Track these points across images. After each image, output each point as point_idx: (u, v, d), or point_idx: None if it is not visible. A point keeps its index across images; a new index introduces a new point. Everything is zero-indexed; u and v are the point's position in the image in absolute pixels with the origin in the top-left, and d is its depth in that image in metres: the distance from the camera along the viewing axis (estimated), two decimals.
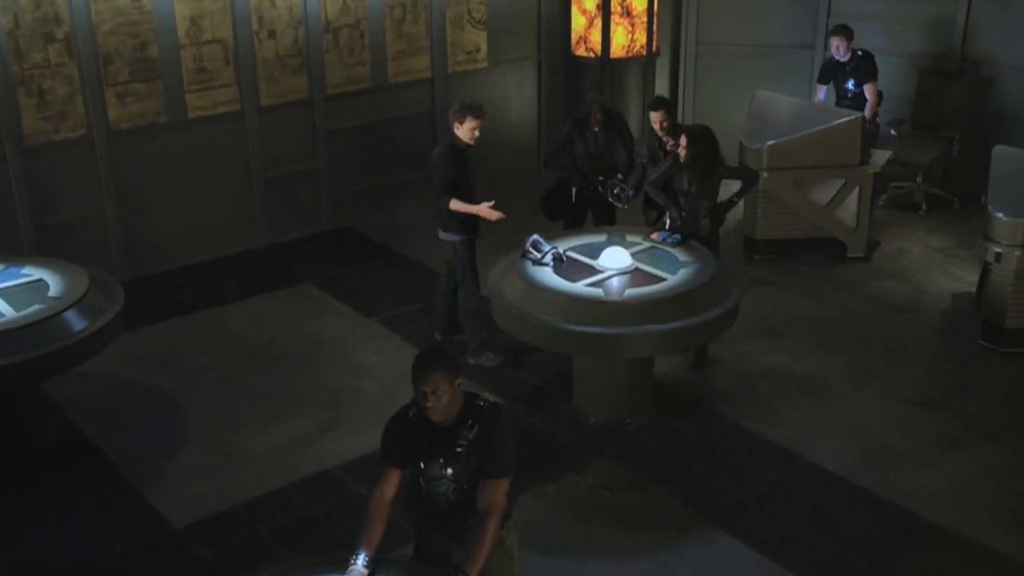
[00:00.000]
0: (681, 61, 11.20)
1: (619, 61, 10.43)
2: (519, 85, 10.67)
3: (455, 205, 6.81)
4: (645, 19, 10.37)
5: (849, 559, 5.36)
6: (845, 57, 9.18)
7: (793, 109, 9.13)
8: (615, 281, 6.31)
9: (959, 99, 9.70)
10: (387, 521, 4.03)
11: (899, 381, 7.02)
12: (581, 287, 6.21)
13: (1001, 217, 7.10)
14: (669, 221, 7.08)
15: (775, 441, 6.35)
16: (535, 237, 6.58)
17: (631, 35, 10.37)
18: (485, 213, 6.83)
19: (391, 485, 4.07)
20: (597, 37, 10.33)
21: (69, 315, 5.95)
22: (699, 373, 7.15)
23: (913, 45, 9.95)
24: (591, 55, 10.44)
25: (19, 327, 5.73)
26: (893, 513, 5.69)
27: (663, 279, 6.29)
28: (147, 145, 8.48)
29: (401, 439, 4.06)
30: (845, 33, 9.14)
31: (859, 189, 8.57)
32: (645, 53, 10.52)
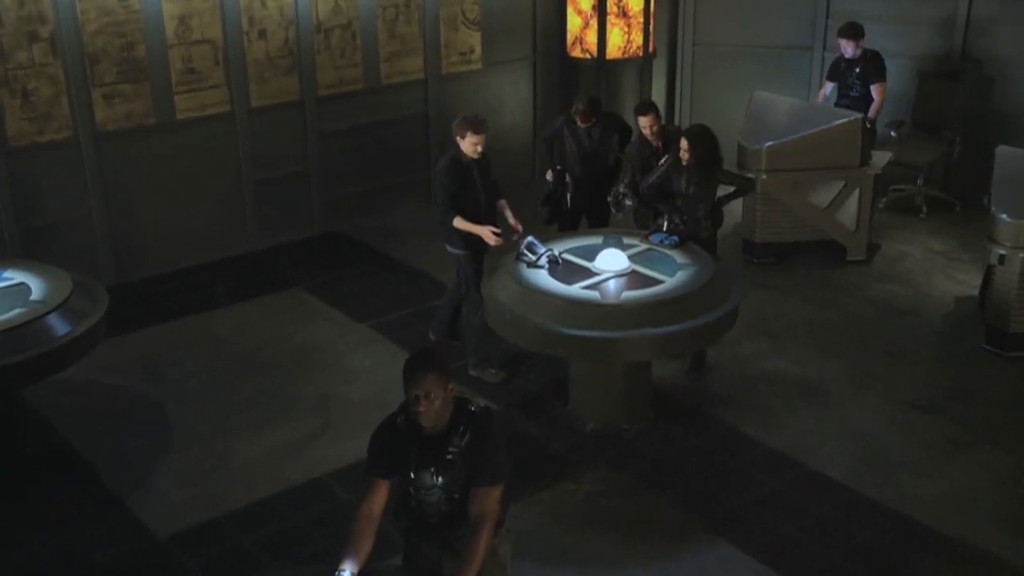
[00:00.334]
0: (678, 62, 11.15)
1: (615, 62, 10.37)
2: (514, 87, 10.58)
3: (458, 223, 6.68)
4: (641, 20, 10.33)
5: (850, 567, 5.28)
6: (855, 55, 9.06)
7: (792, 110, 9.05)
8: (612, 284, 6.23)
9: (960, 100, 9.62)
10: (376, 535, 3.91)
11: (900, 385, 6.95)
12: (577, 290, 6.12)
13: (1005, 218, 7.01)
14: (667, 224, 6.98)
15: (775, 447, 6.28)
16: (530, 239, 6.51)
17: (627, 36, 10.31)
18: (487, 236, 6.65)
19: (379, 498, 3.95)
20: (593, 38, 10.28)
21: (51, 319, 5.85)
22: (697, 378, 7.09)
23: (913, 45, 9.88)
24: (587, 56, 10.37)
25: None
26: (895, 520, 5.62)
27: (661, 281, 6.21)
28: (135, 147, 8.37)
29: (389, 448, 3.94)
30: (851, 35, 9.01)
31: (859, 191, 8.49)
32: (642, 54, 10.47)
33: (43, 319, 5.81)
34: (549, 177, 7.82)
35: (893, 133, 9.47)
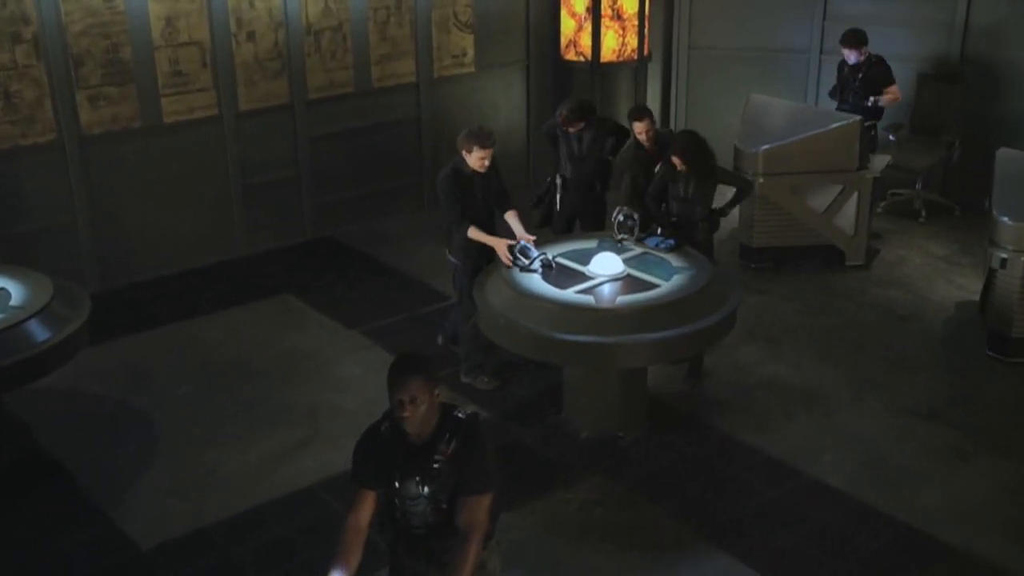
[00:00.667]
0: (673, 65, 11.08)
1: (610, 65, 10.31)
2: (507, 90, 10.49)
3: (473, 234, 6.54)
4: (636, 23, 10.27)
5: None
6: (859, 61, 8.93)
7: (789, 113, 8.98)
8: (607, 288, 6.14)
9: (959, 103, 9.56)
10: (364, 547, 3.79)
11: (901, 391, 6.87)
12: (571, 294, 6.03)
13: (1007, 221, 6.93)
14: (661, 227, 6.88)
15: (774, 455, 6.19)
16: (523, 243, 6.40)
17: (622, 39, 10.25)
18: (500, 249, 6.45)
19: (366, 508, 3.83)
20: (587, 41, 10.23)
21: (31, 325, 5.73)
22: (694, 384, 7.01)
23: (912, 48, 9.81)
24: (581, 59, 10.31)
25: None
26: (897, 529, 5.54)
27: (657, 286, 6.11)
28: (120, 150, 8.26)
29: (373, 457, 3.82)
30: (853, 43, 8.88)
31: (858, 195, 8.41)
32: (636, 57, 10.42)
33: (23, 324, 5.69)
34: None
35: (892, 137, 9.41)
